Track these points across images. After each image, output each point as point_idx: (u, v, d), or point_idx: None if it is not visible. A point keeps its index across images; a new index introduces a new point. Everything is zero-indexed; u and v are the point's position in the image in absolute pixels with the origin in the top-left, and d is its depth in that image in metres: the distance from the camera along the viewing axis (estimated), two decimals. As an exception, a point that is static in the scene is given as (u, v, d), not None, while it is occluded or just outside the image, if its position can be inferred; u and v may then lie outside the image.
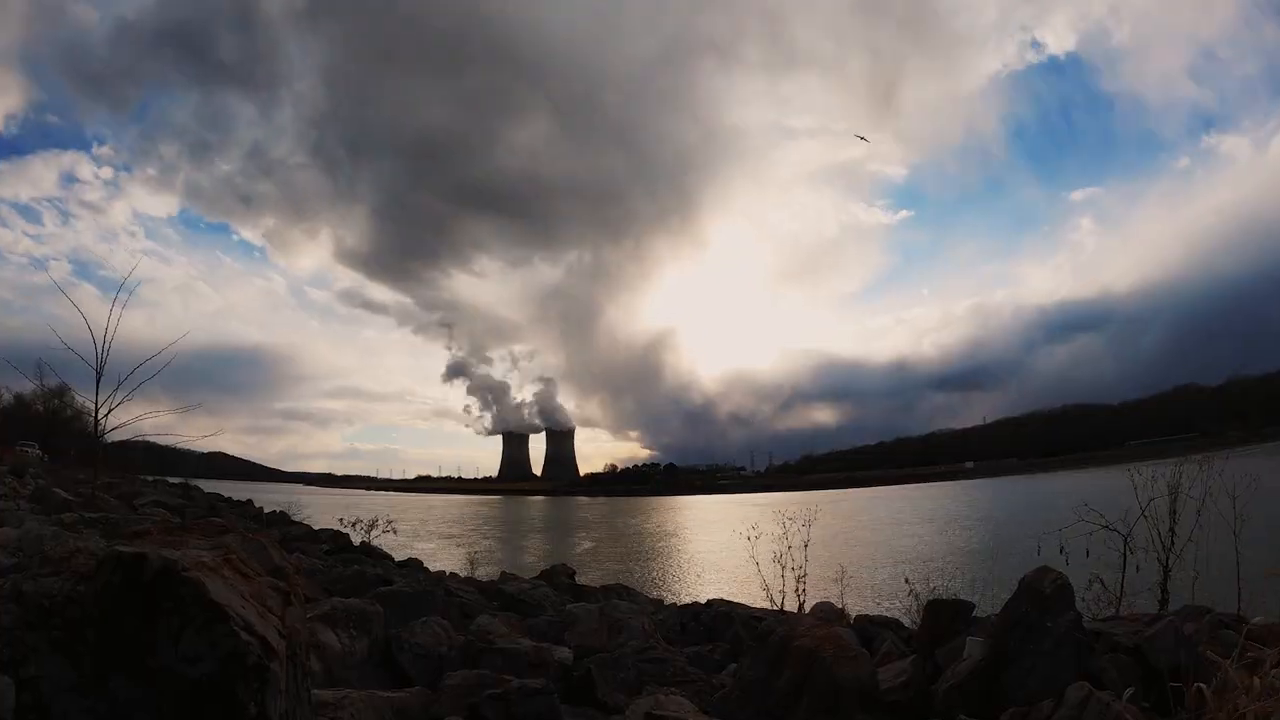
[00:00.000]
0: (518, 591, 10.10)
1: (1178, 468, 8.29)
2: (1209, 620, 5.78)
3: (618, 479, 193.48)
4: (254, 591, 2.36)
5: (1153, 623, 4.95)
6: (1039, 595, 4.49)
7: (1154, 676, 4.26)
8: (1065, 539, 8.30)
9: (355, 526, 17.71)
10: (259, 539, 2.73)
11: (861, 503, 67.46)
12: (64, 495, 13.48)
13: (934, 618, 5.71)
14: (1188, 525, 8.08)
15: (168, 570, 2.12)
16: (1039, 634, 4.33)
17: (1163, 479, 8.26)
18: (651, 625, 7.55)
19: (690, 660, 6.40)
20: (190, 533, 2.63)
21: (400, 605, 6.82)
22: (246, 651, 2.09)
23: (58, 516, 9.26)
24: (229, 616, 2.11)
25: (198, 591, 2.11)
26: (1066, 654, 4.24)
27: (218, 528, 2.70)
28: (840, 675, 4.00)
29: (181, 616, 2.08)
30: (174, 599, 2.09)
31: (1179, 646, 4.43)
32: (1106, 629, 5.00)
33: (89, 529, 8.15)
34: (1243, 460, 10.05)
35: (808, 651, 4.14)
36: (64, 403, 35.79)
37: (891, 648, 6.42)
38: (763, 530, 12.77)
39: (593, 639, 6.85)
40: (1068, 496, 12.32)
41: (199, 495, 29.92)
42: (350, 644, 5.18)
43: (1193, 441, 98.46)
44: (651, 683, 5.59)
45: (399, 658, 5.41)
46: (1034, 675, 4.19)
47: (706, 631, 8.83)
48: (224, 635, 2.08)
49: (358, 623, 5.38)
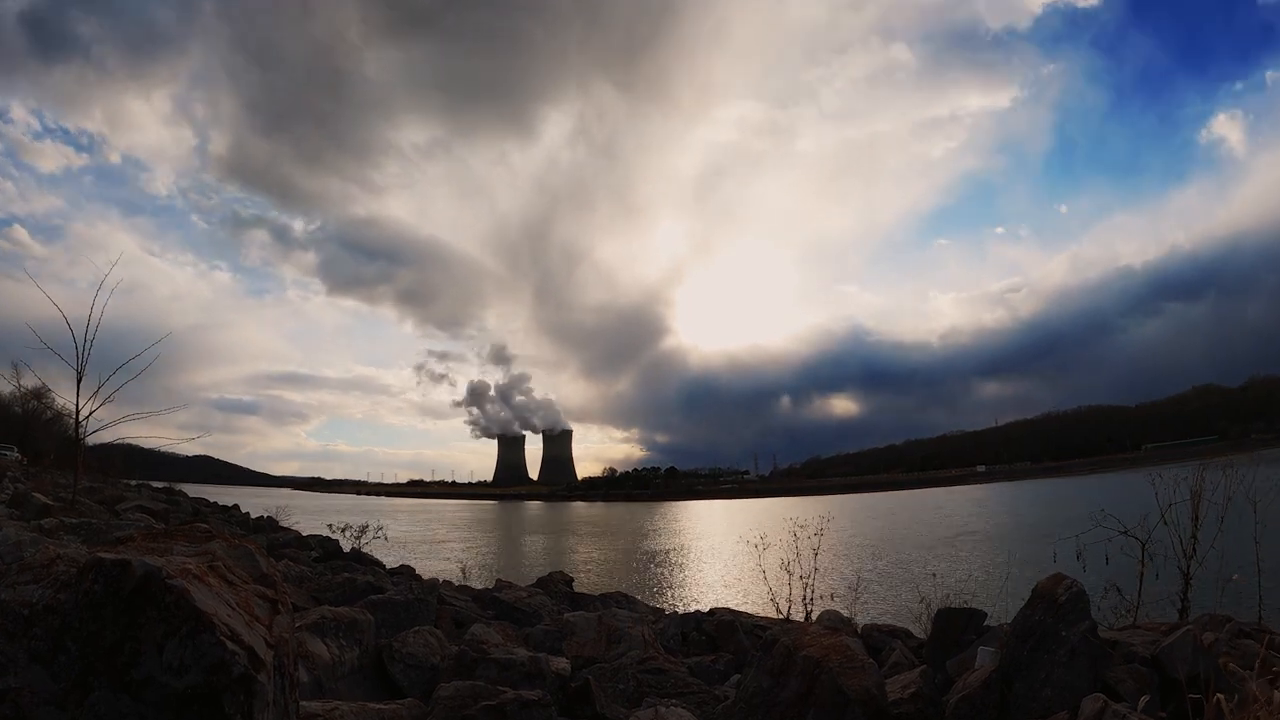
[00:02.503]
0: (513, 600, 10.10)
1: (1200, 472, 8.28)
2: (1229, 630, 5.77)
3: (617, 483, 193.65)
4: (240, 600, 2.36)
5: (1170, 632, 4.95)
6: (1053, 603, 4.48)
7: (1172, 687, 4.26)
8: (1082, 545, 8.30)
9: (345, 532, 17.72)
10: (245, 545, 2.73)
11: (870, 507, 67.53)
12: (43, 500, 13.46)
13: (944, 627, 5.71)
14: (1210, 531, 8.08)
15: (151, 578, 2.12)
16: (1053, 643, 4.33)
17: (1184, 483, 8.25)
18: (652, 634, 7.55)
19: (692, 671, 6.40)
20: (174, 539, 2.63)
21: (392, 614, 6.83)
22: (233, 662, 2.09)
23: (37, 522, 9.25)
24: (214, 626, 2.11)
25: (182, 600, 2.11)
26: (1082, 664, 4.24)
27: (203, 534, 2.70)
28: (847, 686, 4.00)
29: (166, 626, 2.08)
30: (158, 608, 2.10)
31: (1198, 657, 4.43)
32: (1123, 638, 5.00)
33: (69, 535, 8.14)
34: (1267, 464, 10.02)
35: (814, 661, 4.14)
36: (43, 404, 35.81)
37: (900, 658, 6.43)
38: (767, 536, 12.77)
39: (591, 649, 6.86)
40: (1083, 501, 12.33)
41: (183, 500, 29.96)
42: (340, 654, 5.18)
43: (1213, 444, 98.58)
44: (652, 694, 5.60)
45: (390, 668, 5.42)
46: (1048, 686, 4.19)
47: (709, 641, 8.84)
48: (209, 645, 2.08)
49: (348, 632, 5.38)
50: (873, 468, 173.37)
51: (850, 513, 54.92)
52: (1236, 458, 10.30)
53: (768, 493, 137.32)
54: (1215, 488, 8.20)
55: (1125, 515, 8.37)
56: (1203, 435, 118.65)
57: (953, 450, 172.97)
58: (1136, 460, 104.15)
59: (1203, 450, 73.84)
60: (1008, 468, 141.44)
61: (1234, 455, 11.93)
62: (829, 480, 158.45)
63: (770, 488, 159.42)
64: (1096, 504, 8.79)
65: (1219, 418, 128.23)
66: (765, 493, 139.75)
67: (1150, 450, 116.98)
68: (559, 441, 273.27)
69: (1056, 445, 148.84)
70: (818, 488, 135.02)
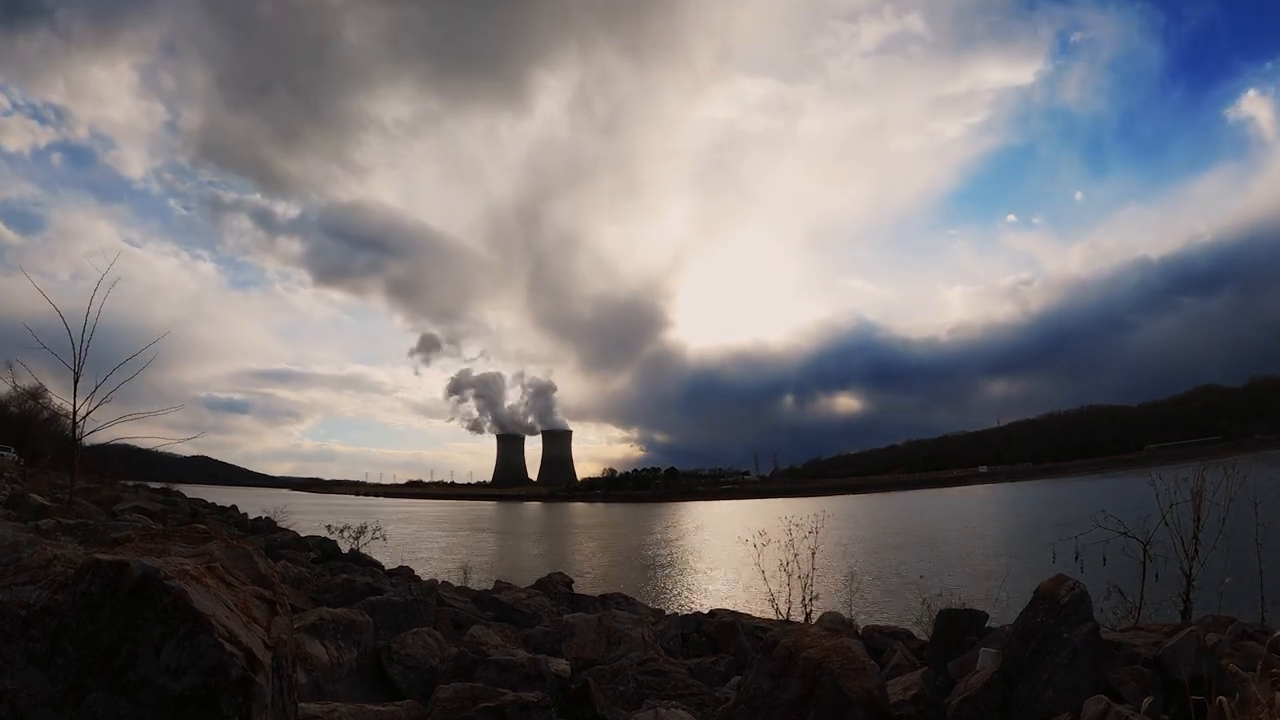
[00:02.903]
0: (513, 601, 10.11)
1: (1201, 472, 8.29)
2: (1232, 631, 5.78)
3: (617, 484, 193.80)
4: (238, 601, 2.36)
5: (1173, 633, 4.95)
6: (1055, 604, 4.49)
7: (1175, 689, 4.27)
8: (1081, 546, 8.31)
9: (343, 533, 17.71)
10: (243, 546, 2.74)
11: (872, 508, 67.53)
12: (40, 500, 13.48)
13: (946, 628, 5.72)
14: (1211, 532, 8.09)
15: (149, 579, 2.12)
16: (1055, 645, 4.33)
17: (1185, 484, 8.27)
18: (652, 636, 7.55)
19: (692, 672, 6.41)
20: (172, 540, 2.64)
21: (390, 615, 6.83)
22: (231, 663, 2.09)
23: (34, 523, 9.26)
24: (212, 627, 2.11)
25: (180, 601, 2.11)
26: (1084, 666, 4.24)
27: (201, 535, 2.70)
28: (849, 688, 4.01)
29: (163, 627, 2.08)
30: (155, 609, 2.10)
31: (1200, 658, 4.44)
32: (1125, 639, 5.01)
33: (67, 536, 8.16)
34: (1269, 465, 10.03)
35: (815, 663, 4.14)
36: (40, 404, 35.83)
37: (902, 659, 6.43)
38: (768, 537, 12.77)
39: (591, 650, 6.87)
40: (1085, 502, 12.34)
41: (181, 501, 29.97)
42: (338, 655, 5.19)
43: (1215, 444, 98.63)
44: (652, 696, 5.60)
45: (389, 670, 5.42)
46: (1050, 687, 4.19)
47: (709, 642, 8.84)
48: (207, 647, 2.08)
49: (346, 633, 5.38)
50: (874, 468, 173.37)
51: (851, 514, 54.94)
52: (1239, 458, 10.31)
53: (768, 493, 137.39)
54: (1216, 488, 8.21)
55: (1128, 516, 8.38)
56: (1205, 435, 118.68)
57: (954, 451, 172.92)
58: (1139, 461, 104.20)
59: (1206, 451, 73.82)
60: (1010, 468, 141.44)
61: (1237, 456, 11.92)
62: (830, 481, 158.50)
63: (771, 488, 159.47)
64: (1099, 505, 8.80)
65: (1220, 418, 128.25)
66: (766, 493, 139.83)
67: (1153, 451, 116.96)
68: (559, 441, 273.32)
69: (1059, 445, 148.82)
70: (819, 488, 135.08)
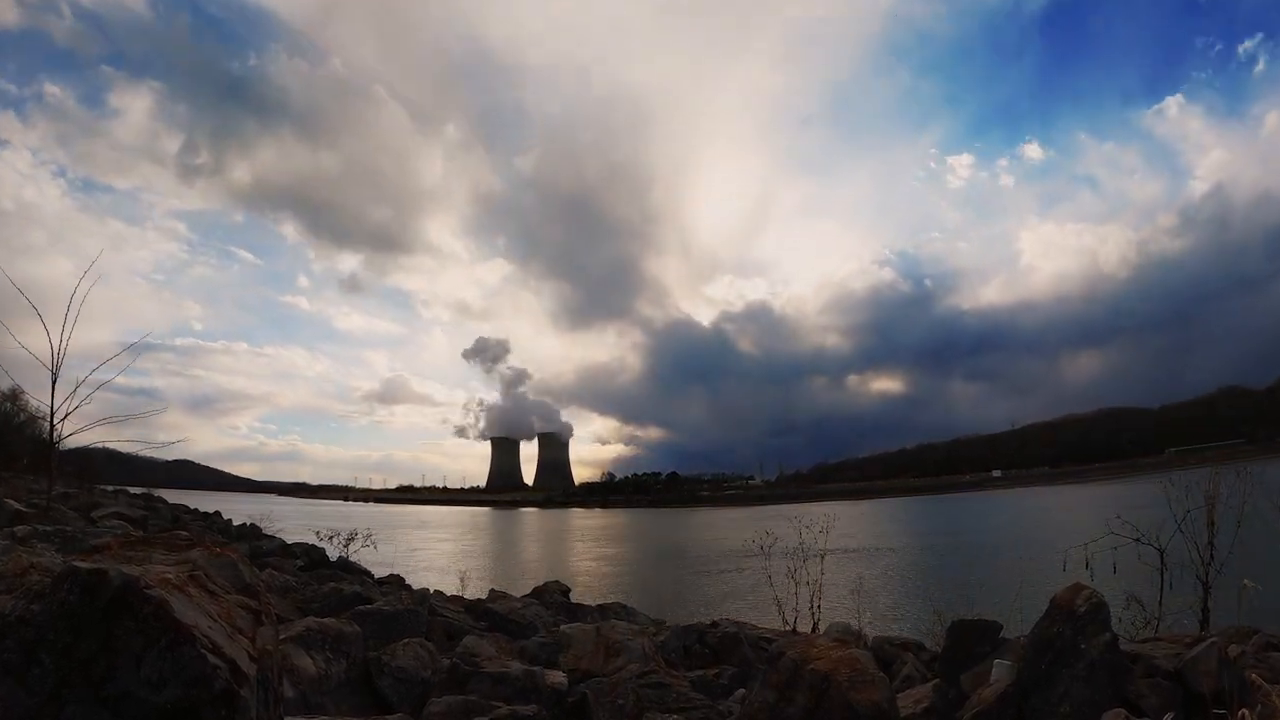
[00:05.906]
0: (507, 611, 10.10)
1: (1214, 476, 8.28)
2: (1256, 642, 5.78)
3: (615, 488, 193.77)
4: (222, 611, 2.36)
5: (1194, 644, 4.95)
6: (1072, 615, 4.49)
7: (1196, 702, 4.26)
8: (1092, 553, 8.30)
9: (332, 540, 17.74)
10: (228, 554, 2.74)
11: (881, 515, 67.53)
12: (16, 506, 13.47)
13: (958, 639, 5.71)
14: (1228, 539, 8.08)
15: (129, 588, 2.12)
16: (1072, 656, 4.33)
17: (1199, 489, 8.25)
18: (652, 647, 7.55)
19: (694, 685, 6.40)
20: (153, 547, 2.64)
21: (381, 625, 6.84)
22: (214, 675, 2.09)
23: (9, 529, 9.26)
24: (195, 638, 2.11)
25: (161, 611, 2.11)
26: (1102, 678, 4.24)
27: (183, 542, 2.71)
28: (857, 701, 4.00)
29: (144, 638, 2.08)
30: (136, 619, 2.10)
31: (1223, 670, 4.43)
32: (1145, 651, 5.00)
33: (44, 543, 8.16)
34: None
35: (822, 675, 4.14)
36: (17, 406, 35.80)
37: (912, 671, 6.43)
38: (774, 544, 12.78)
39: (588, 662, 6.86)
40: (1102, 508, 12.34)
41: (163, 506, 29.96)
42: (326, 667, 5.19)
43: (1240, 447, 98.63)
44: (652, 709, 5.60)
45: (379, 682, 5.42)
46: (1067, 701, 4.19)
47: (712, 653, 8.83)
48: (190, 658, 2.08)
49: (334, 644, 5.38)
50: (883, 473, 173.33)
51: (860, 520, 54.94)
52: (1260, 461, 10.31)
53: (773, 499, 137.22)
54: (1232, 492, 8.20)
55: (1143, 523, 8.38)
56: (1228, 438, 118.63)
57: (966, 454, 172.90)
58: (1160, 464, 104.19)
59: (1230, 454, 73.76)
60: (1025, 473, 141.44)
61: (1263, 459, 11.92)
62: (838, 485, 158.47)
63: (776, 494, 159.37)
64: (1114, 511, 8.78)
65: (1244, 420, 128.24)
66: (771, 499, 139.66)
67: (1174, 454, 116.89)
68: (555, 445, 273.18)
69: (1076, 449, 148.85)
70: (827, 493, 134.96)
